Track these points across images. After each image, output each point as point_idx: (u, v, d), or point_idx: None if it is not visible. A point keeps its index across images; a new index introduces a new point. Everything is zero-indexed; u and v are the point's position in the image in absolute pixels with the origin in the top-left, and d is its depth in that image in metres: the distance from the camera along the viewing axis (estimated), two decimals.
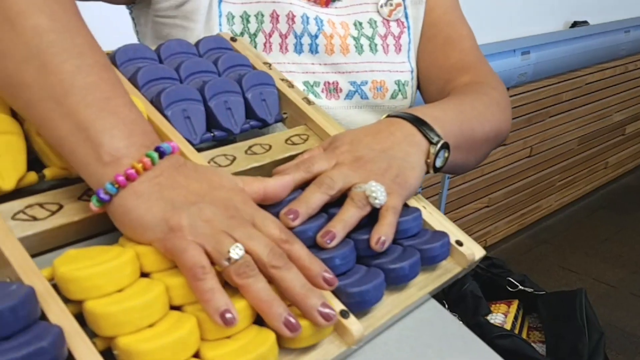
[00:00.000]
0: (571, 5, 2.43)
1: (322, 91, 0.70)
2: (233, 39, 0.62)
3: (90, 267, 0.35)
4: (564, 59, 2.19)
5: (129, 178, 0.38)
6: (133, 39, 0.73)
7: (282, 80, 0.59)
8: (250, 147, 0.52)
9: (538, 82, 2.18)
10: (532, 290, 1.46)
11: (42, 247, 0.40)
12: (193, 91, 0.51)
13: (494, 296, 1.45)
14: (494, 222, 2.37)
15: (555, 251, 2.41)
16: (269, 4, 0.67)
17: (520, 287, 1.46)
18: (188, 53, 0.57)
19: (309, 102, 0.58)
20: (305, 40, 0.68)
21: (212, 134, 0.52)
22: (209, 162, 0.48)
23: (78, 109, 0.38)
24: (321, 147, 0.52)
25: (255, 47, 0.67)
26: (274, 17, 0.67)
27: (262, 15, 0.67)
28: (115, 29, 0.80)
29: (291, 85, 0.59)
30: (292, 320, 0.36)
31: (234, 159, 0.50)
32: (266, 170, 0.51)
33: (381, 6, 0.74)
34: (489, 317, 1.35)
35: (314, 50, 0.69)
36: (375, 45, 0.73)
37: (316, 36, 0.69)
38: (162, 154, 0.40)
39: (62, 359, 0.32)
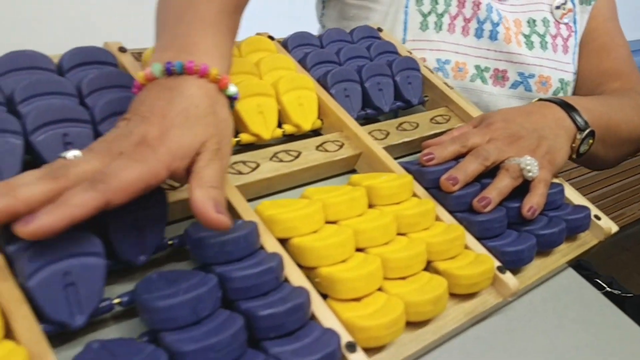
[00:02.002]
0: None
1: (490, 77, 0.75)
2: (379, 29, 0.68)
3: (289, 212, 0.42)
4: None
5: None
6: None
7: (425, 66, 0.65)
8: (400, 124, 0.58)
9: None
10: (619, 292, 1.46)
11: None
12: (352, 73, 0.58)
13: None
14: None
15: (636, 259, 2.35)
16: None
17: (608, 289, 1.46)
18: (344, 40, 0.63)
19: (448, 86, 0.63)
20: (487, 26, 0.74)
21: (365, 111, 0.58)
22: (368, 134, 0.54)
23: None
24: (471, 125, 0.57)
25: (440, 26, 0.73)
26: (461, 2, 0.74)
27: None
28: None
29: (432, 71, 0.65)
30: None
31: (388, 134, 0.56)
32: (415, 144, 0.57)
33: (556, 7, 0.79)
34: None
35: (493, 37, 0.74)
36: (546, 42, 0.77)
37: (497, 24, 0.74)
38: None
39: (281, 279, 0.38)
